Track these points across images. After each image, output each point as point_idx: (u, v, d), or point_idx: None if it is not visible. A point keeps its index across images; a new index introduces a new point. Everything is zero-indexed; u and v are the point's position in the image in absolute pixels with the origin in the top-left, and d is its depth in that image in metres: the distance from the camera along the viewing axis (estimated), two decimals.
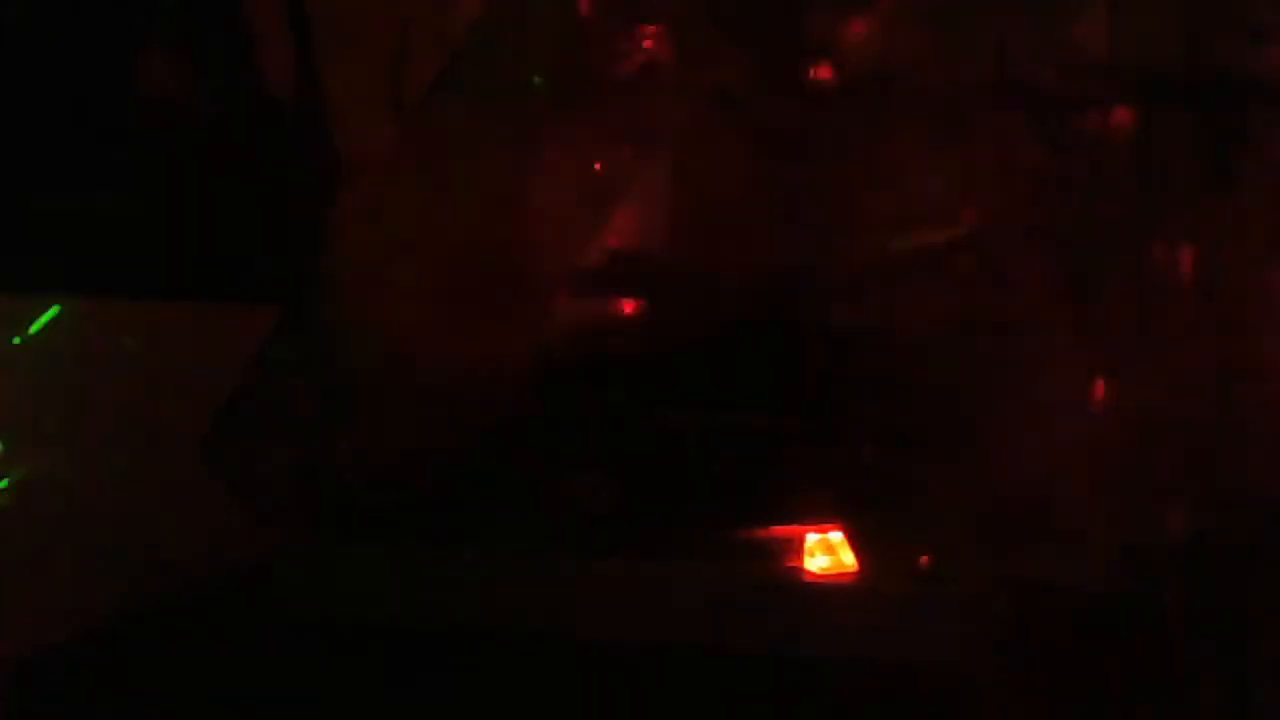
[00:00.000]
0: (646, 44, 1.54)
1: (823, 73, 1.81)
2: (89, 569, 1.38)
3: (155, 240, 1.50)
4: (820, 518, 1.21)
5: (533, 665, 1.11)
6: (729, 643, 1.12)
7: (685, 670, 1.10)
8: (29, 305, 1.31)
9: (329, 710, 1.07)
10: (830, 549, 1.17)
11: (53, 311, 1.33)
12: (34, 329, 1.32)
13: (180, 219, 1.53)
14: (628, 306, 1.58)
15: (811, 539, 1.18)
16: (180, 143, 1.54)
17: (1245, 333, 1.66)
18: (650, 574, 1.16)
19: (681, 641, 1.12)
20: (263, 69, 1.69)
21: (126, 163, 1.44)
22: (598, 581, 1.16)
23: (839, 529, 1.18)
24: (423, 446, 1.34)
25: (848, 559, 1.16)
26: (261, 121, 1.69)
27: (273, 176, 1.70)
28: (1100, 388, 1.63)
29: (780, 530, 1.23)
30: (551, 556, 1.21)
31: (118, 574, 1.39)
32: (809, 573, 1.16)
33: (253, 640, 1.21)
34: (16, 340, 1.30)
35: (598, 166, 1.55)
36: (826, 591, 1.13)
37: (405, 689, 1.08)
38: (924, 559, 1.12)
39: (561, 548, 1.22)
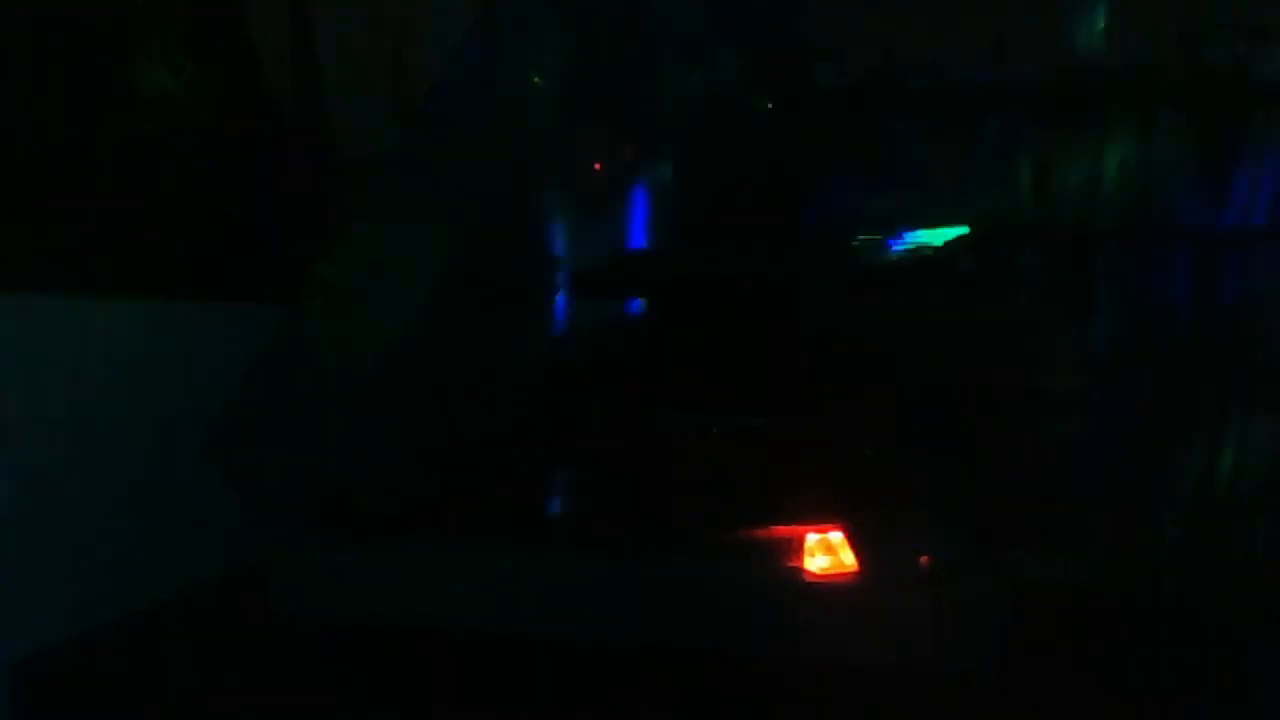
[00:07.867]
0: (648, 44, 1.54)
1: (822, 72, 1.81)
2: (89, 569, 1.38)
3: (155, 240, 1.50)
4: (820, 518, 1.21)
5: (532, 666, 1.11)
6: (728, 643, 1.12)
7: (684, 671, 1.09)
8: (28, 305, 1.32)
9: (328, 711, 1.07)
10: (830, 549, 1.17)
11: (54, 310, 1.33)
12: (34, 329, 1.32)
13: (180, 219, 1.53)
14: (628, 307, 1.58)
15: (811, 539, 1.18)
16: (180, 142, 1.54)
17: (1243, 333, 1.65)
18: (649, 574, 1.16)
19: (680, 642, 1.12)
20: (263, 69, 1.69)
21: (125, 162, 1.44)
22: (596, 581, 1.16)
23: (839, 529, 1.18)
24: (423, 446, 1.34)
25: (848, 559, 1.16)
26: (261, 121, 1.69)
27: (273, 176, 1.71)
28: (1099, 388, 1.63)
29: (780, 530, 1.23)
30: (550, 556, 1.21)
31: (118, 575, 1.39)
32: (809, 573, 1.16)
33: (252, 641, 1.21)
34: (17, 341, 1.30)
35: (598, 166, 1.55)
36: (826, 591, 1.13)
37: (405, 690, 1.08)
38: (924, 559, 1.12)
39: (560, 548, 1.21)
